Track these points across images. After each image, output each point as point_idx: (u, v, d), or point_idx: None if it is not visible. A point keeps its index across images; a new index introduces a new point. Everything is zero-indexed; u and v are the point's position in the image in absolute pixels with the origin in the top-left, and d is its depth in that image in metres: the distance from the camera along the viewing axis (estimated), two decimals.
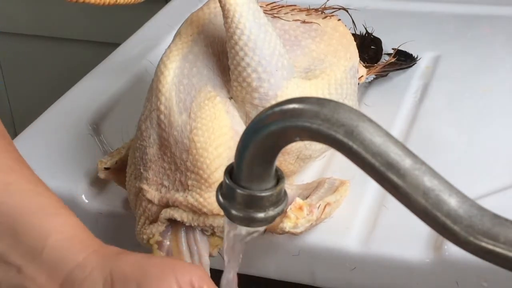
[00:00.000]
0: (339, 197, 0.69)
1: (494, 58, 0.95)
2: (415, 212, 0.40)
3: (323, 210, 0.66)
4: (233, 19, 0.64)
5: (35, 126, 0.88)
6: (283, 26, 0.74)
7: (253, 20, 0.65)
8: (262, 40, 0.65)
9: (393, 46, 0.95)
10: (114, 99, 0.91)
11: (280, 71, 0.67)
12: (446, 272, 0.65)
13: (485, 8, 1.08)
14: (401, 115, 0.85)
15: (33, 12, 1.52)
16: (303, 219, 0.64)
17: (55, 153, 0.82)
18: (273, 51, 0.66)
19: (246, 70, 0.65)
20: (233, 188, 0.48)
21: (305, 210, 0.64)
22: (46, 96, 1.11)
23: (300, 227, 0.64)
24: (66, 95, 0.94)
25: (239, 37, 0.65)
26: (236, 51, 0.65)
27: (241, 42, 0.65)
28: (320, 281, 0.69)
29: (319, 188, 0.70)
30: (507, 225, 0.39)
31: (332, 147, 0.41)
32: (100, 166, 0.72)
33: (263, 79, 0.66)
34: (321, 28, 0.77)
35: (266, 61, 0.66)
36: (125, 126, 0.80)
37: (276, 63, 0.66)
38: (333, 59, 0.75)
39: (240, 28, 0.64)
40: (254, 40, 0.65)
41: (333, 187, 0.70)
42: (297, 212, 0.64)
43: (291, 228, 0.64)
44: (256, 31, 0.65)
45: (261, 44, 0.65)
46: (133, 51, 1.00)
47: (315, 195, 0.68)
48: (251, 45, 0.65)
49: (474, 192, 0.63)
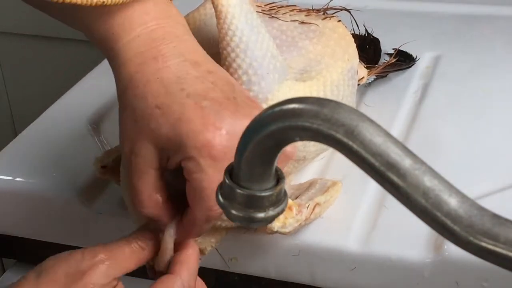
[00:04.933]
0: (329, 197, 0.69)
1: (494, 58, 0.95)
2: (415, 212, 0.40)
3: (312, 210, 0.66)
4: (225, 20, 0.64)
5: (35, 126, 0.88)
6: (280, 26, 0.74)
7: (245, 22, 0.65)
8: (254, 42, 0.65)
9: (393, 46, 0.95)
10: (114, 99, 0.91)
11: (272, 74, 0.66)
12: (446, 272, 0.65)
13: (485, 8, 1.08)
14: (401, 115, 0.85)
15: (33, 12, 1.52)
16: (291, 219, 0.64)
17: (55, 153, 0.82)
18: (265, 53, 0.66)
19: (237, 72, 0.65)
20: (233, 188, 0.48)
21: (294, 210, 0.64)
22: (46, 96, 1.11)
23: (288, 227, 0.64)
24: (66, 95, 0.94)
25: (230, 38, 0.64)
26: (227, 52, 0.65)
27: (233, 43, 0.65)
28: (320, 281, 0.69)
29: (310, 188, 0.70)
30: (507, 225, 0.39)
31: (332, 147, 0.41)
32: (97, 165, 0.72)
33: (253, 81, 0.66)
34: (319, 29, 0.76)
35: (257, 63, 0.65)
36: None
37: (267, 66, 0.66)
38: (330, 60, 0.74)
39: (232, 29, 0.64)
40: (245, 42, 0.65)
41: (324, 187, 0.70)
42: (286, 212, 0.64)
43: (280, 228, 0.64)
44: (248, 32, 0.65)
45: (252, 46, 0.65)
46: None
47: (305, 195, 0.68)
48: (243, 47, 0.65)
49: (474, 192, 0.63)
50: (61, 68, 1.57)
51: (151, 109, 0.57)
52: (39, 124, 0.88)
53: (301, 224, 0.65)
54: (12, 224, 0.80)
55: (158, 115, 0.56)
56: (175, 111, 0.56)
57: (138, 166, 0.57)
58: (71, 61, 1.54)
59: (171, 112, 0.56)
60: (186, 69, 0.58)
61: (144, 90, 0.58)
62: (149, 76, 0.58)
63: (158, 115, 0.56)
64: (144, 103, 0.57)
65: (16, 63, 1.63)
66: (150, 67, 0.58)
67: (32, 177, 0.79)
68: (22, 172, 0.79)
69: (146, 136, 0.57)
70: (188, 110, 0.56)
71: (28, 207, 0.78)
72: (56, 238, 0.79)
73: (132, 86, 0.58)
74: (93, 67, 1.01)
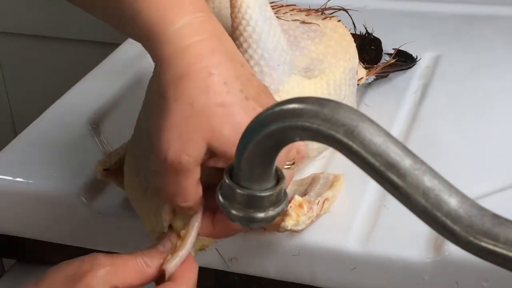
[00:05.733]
0: (336, 192, 0.69)
1: (494, 58, 0.95)
2: (415, 212, 0.40)
3: (321, 206, 0.66)
4: (239, 9, 0.64)
5: (35, 126, 0.88)
6: (282, 26, 0.74)
7: (259, 13, 0.65)
8: (267, 34, 0.65)
9: (393, 46, 0.95)
10: (114, 99, 0.91)
11: (282, 66, 0.67)
12: (446, 272, 0.65)
13: (485, 8, 1.08)
14: (401, 115, 0.85)
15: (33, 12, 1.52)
16: (304, 216, 0.64)
17: (55, 153, 0.82)
18: (277, 45, 0.66)
19: (249, 63, 0.65)
20: (233, 188, 0.48)
21: (305, 207, 0.64)
22: (46, 96, 1.11)
23: (301, 224, 0.64)
24: (66, 95, 0.94)
25: (244, 28, 0.64)
26: (240, 42, 0.65)
27: (246, 33, 0.65)
28: (320, 281, 0.69)
29: (315, 183, 0.70)
30: (507, 225, 0.39)
31: (332, 147, 0.41)
32: (99, 168, 0.72)
33: (265, 72, 0.66)
34: (321, 29, 0.77)
35: (269, 54, 0.65)
36: (125, 126, 0.80)
37: (278, 58, 0.66)
38: (332, 60, 0.75)
39: (246, 19, 0.64)
40: (258, 33, 0.65)
41: (328, 182, 0.70)
42: (298, 210, 0.64)
43: (293, 226, 0.64)
44: (261, 23, 0.65)
45: (265, 37, 0.65)
46: (133, 51, 1.00)
47: (312, 192, 0.68)
48: (255, 37, 0.65)
49: (474, 192, 0.63)
50: (61, 68, 1.57)
51: (214, 106, 0.55)
52: (39, 124, 0.88)
53: (312, 220, 0.65)
54: (12, 224, 0.80)
55: (221, 114, 0.54)
56: (237, 112, 0.54)
57: (188, 166, 0.55)
58: (71, 61, 1.54)
59: (234, 113, 0.55)
60: (238, 69, 0.57)
61: (207, 84, 0.55)
62: (211, 69, 0.55)
63: (221, 113, 0.54)
64: (206, 98, 0.55)
65: (16, 63, 1.63)
66: (209, 60, 0.56)
67: (32, 177, 0.79)
68: (22, 172, 0.79)
69: (203, 133, 0.54)
70: (248, 114, 0.54)
71: (28, 207, 0.78)
72: (56, 238, 0.79)
73: (190, 78, 0.55)
74: (93, 67, 1.01)
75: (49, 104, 0.92)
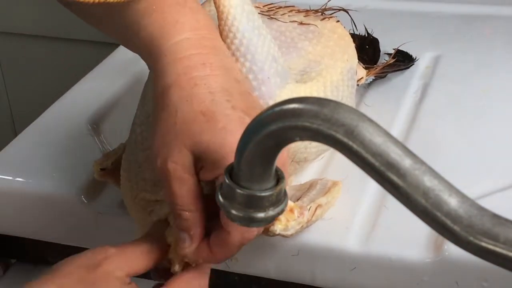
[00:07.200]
0: (330, 199, 0.69)
1: (494, 58, 0.95)
2: (415, 212, 0.40)
3: (314, 212, 0.66)
4: (226, 22, 0.64)
5: (35, 126, 0.88)
6: (279, 27, 0.74)
7: (247, 23, 0.64)
8: (255, 45, 0.64)
9: (392, 46, 0.95)
10: (114, 99, 0.91)
11: (273, 78, 0.66)
12: (446, 272, 0.65)
13: (485, 8, 1.08)
14: (401, 115, 0.85)
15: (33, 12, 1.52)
16: (293, 222, 0.63)
17: (55, 153, 0.82)
18: (266, 56, 0.65)
19: None
20: (233, 188, 0.48)
21: (296, 213, 0.64)
22: (46, 96, 1.11)
23: (290, 230, 0.63)
24: (66, 95, 0.94)
25: (231, 40, 0.64)
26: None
27: (233, 46, 0.64)
28: (320, 281, 0.69)
29: (311, 189, 0.70)
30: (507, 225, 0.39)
31: (332, 147, 0.41)
32: (96, 167, 0.72)
33: (254, 87, 0.65)
34: (319, 30, 0.76)
35: (257, 67, 0.65)
36: (125, 126, 0.80)
37: (268, 70, 0.65)
38: (330, 61, 0.74)
39: (233, 31, 0.64)
40: (246, 45, 0.64)
41: (325, 188, 0.70)
42: (288, 215, 0.63)
43: (282, 230, 0.63)
44: (249, 35, 0.64)
45: (253, 49, 0.64)
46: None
47: (306, 197, 0.68)
48: (243, 50, 0.64)
49: (474, 192, 0.63)
50: (61, 68, 1.57)
51: (195, 114, 0.56)
52: (39, 124, 0.88)
53: (303, 226, 0.65)
54: (12, 224, 0.80)
55: (202, 121, 0.55)
56: (220, 120, 0.55)
57: (177, 173, 0.56)
58: (71, 61, 1.54)
59: (216, 120, 0.55)
60: (231, 83, 0.58)
61: (191, 93, 0.57)
62: (197, 80, 0.57)
63: (202, 121, 0.55)
64: (189, 106, 0.56)
65: (16, 63, 1.63)
66: (198, 71, 0.58)
67: (32, 177, 0.79)
68: (22, 172, 0.79)
69: (185, 140, 0.55)
70: (233, 122, 0.55)
71: (28, 207, 0.78)
72: (56, 238, 0.79)
73: (177, 87, 0.57)
74: (93, 67, 1.01)
75: (49, 104, 0.92)
